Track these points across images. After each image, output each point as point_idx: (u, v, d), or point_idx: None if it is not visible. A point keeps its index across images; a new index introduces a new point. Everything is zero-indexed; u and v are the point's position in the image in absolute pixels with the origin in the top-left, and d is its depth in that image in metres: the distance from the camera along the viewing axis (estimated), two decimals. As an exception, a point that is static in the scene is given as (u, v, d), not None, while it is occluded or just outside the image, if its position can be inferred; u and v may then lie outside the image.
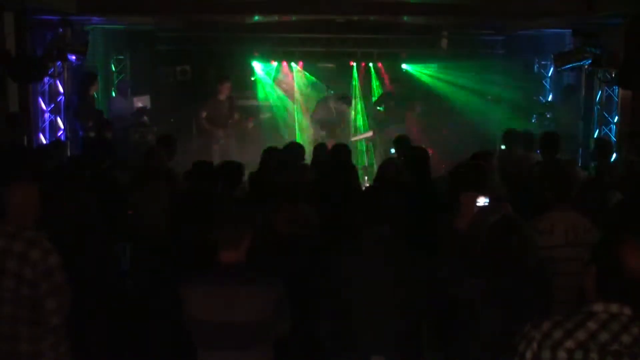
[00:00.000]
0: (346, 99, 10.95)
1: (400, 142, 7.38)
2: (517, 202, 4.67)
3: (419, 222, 4.68)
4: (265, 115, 11.59)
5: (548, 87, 11.53)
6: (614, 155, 7.50)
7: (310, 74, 11.54)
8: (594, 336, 2.28)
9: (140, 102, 10.76)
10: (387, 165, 6.08)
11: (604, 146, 7.28)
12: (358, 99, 11.61)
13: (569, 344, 2.28)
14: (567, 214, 4.16)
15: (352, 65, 11.57)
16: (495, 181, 5.68)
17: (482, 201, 4.23)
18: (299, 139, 10.59)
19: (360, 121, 11.54)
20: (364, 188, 6.68)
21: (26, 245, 3.45)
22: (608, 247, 2.39)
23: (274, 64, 11.42)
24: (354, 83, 11.56)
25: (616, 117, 9.45)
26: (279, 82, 11.59)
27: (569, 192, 4.22)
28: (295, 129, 11.39)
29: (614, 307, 2.32)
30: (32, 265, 3.41)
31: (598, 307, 2.34)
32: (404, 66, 11.72)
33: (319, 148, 7.36)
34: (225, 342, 3.20)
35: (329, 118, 10.78)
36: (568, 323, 2.32)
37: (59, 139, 9.43)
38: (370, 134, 10.97)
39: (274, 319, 3.25)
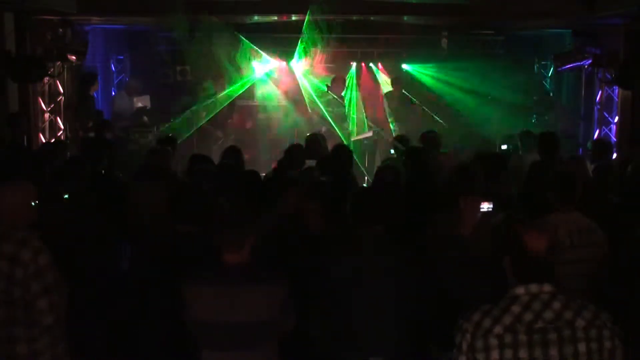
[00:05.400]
0: (338, 80, 10.93)
1: (401, 142, 7.37)
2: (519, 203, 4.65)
3: (418, 222, 4.66)
4: (264, 115, 11.58)
5: (548, 87, 11.53)
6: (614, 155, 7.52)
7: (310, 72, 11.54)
8: (519, 318, 2.44)
9: (140, 102, 10.76)
10: (385, 167, 6.06)
11: (602, 147, 7.27)
12: (356, 100, 11.58)
13: (498, 329, 2.44)
14: (571, 215, 4.15)
15: (352, 65, 11.58)
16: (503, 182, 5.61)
17: (485, 207, 4.09)
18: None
19: (355, 123, 11.46)
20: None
21: (16, 246, 3.43)
22: (514, 235, 2.58)
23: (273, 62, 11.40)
24: (351, 82, 11.54)
25: (616, 117, 9.45)
26: (277, 82, 11.57)
27: (572, 193, 4.20)
28: (293, 129, 11.35)
29: (534, 288, 2.50)
30: (22, 266, 3.39)
31: (519, 290, 2.52)
32: (404, 66, 11.72)
33: (312, 141, 7.24)
34: (230, 343, 3.19)
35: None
36: (495, 310, 2.49)
37: (59, 138, 9.43)
38: (369, 134, 10.95)
39: (279, 318, 3.24)
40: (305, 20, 9.20)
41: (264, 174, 6.48)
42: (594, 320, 2.46)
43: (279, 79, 11.36)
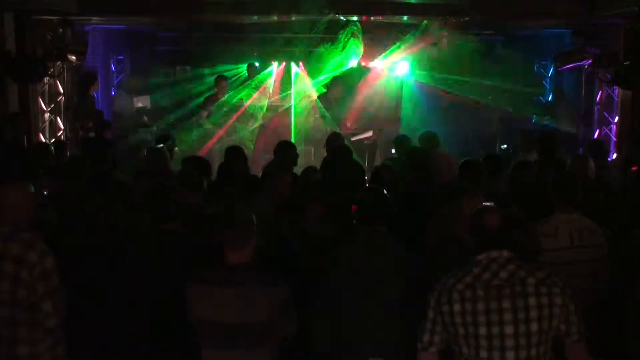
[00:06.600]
0: (336, 81, 10.89)
1: (401, 142, 7.36)
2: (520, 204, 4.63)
3: (418, 222, 4.66)
4: (265, 116, 11.56)
5: (548, 87, 11.53)
6: (614, 155, 7.51)
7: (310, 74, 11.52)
8: (478, 277, 2.89)
9: (140, 102, 10.76)
10: (383, 167, 6.05)
11: (599, 147, 7.26)
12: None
13: (460, 286, 2.89)
14: (572, 216, 4.15)
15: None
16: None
17: None
18: (294, 139, 10.60)
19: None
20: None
21: (23, 247, 3.42)
22: (475, 217, 3.05)
23: (274, 64, 11.39)
24: (351, 82, 11.50)
25: (616, 117, 9.45)
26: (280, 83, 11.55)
27: (573, 194, 4.19)
28: (293, 129, 11.34)
29: (494, 253, 2.93)
30: (29, 267, 3.38)
31: (481, 256, 2.95)
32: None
33: (332, 138, 7.32)
34: (230, 342, 3.21)
35: (331, 108, 10.76)
36: (459, 272, 2.94)
37: (59, 138, 9.43)
38: (369, 134, 10.93)
39: (280, 320, 3.26)
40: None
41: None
42: (545, 279, 2.86)
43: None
